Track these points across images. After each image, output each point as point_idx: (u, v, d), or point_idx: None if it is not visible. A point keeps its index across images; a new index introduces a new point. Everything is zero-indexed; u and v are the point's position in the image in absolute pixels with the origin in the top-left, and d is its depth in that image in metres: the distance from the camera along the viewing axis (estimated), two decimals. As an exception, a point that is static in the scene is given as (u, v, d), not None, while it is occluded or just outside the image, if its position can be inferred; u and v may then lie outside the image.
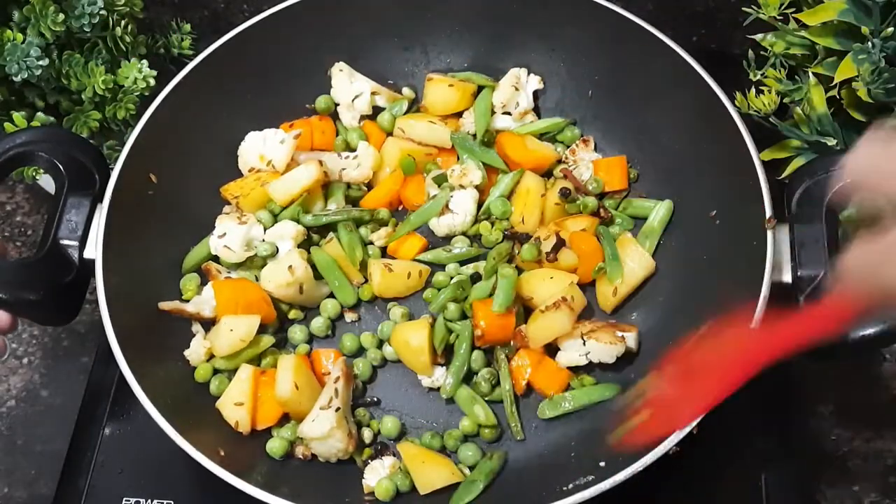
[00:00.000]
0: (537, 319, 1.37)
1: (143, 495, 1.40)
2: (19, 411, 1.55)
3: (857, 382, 1.54)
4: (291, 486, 1.24)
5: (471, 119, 1.60)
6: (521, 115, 1.60)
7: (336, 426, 1.29)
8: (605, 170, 1.56)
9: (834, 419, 1.50)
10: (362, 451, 1.36)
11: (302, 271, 1.41)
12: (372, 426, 1.38)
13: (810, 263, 1.26)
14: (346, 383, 1.35)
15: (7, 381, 1.57)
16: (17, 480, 1.49)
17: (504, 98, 1.59)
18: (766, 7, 1.42)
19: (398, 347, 1.40)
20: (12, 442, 1.52)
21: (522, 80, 1.61)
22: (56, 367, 1.58)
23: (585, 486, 1.18)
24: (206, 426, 1.29)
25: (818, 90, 1.41)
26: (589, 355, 1.37)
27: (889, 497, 1.44)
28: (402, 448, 1.35)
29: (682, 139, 1.49)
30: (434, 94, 1.60)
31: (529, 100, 1.61)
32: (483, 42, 1.63)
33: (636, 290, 1.46)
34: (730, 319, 1.22)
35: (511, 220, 1.52)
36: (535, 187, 1.51)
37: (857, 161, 0.99)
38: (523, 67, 1.62)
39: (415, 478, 1.31)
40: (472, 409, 1.37)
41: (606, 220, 1.52)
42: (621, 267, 1.43)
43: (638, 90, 1.53)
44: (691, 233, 1.47)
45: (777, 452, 1.42)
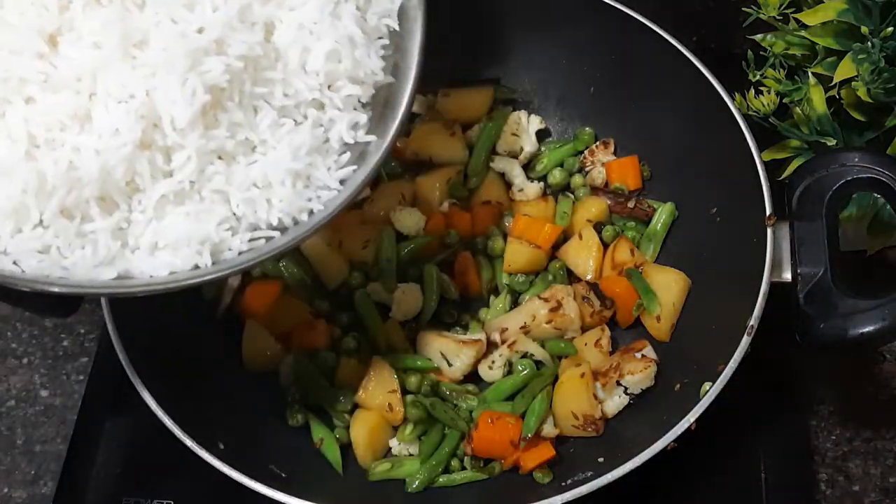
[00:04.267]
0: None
1: (143, 495, 1.40)
2: (19, 411, 1.55)
3: (857, 382, 1.54)
4: (293, 481, 1.24)
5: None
6: (527, 157, 1.61)
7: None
8: (619, 171, 1.56)
9: (834, 419, 1.50)
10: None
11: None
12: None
13: (810, 261, 1.26)
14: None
15: (7, 381, 1.57)
16: (17, 480, 1.49)
17: (506, 147, 1.60)
18: (766, 7, 1.43)
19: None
20: (12, 442, 1.52)
21: (523, 124, 1.61)
22: (56, 367, 1.58)
23: (583, 481, 1.19)
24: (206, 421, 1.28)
25: (818, 90, 1.41)
26: (629, 391, 1.37)
27: (889, 497, 1.44)
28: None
29: (683, 137, 1.49)
30: (450, 103, 1.60)
31: (533, 141, 1.61)
32: (483, 40, 1.63)
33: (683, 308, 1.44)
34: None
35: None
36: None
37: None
38: (522, 111, 1.63)
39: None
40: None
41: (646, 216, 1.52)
42: (656, 296, 1.42)
43: (639, 88, 1.54)
44: (692, 230, 1.48)
45: (777, 452, 1.42)
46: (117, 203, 1.02)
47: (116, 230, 1.02)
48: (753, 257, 1.29)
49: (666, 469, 1.23)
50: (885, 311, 1.18)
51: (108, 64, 0.99)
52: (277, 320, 1.45)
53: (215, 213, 1.05)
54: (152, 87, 1.00)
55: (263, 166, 1.08)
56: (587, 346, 1.41)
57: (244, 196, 1.07)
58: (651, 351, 1.39)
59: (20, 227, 0.99)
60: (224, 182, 1.06)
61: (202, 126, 1.03)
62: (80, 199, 0.99)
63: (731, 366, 1.22)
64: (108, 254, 1.01)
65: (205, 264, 1.04)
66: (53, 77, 0.99)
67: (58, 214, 0.98)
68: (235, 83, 1.05)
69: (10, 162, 0.97)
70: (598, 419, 1.34)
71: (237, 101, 1.06)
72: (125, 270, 1.03)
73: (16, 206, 0.97)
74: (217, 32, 1.03)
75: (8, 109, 0.99)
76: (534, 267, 1.48)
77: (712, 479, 1.41)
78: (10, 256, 0.99)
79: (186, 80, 1.00)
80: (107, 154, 0.98)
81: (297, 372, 1.41)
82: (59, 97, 0.99)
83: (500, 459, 1.34)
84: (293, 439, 1.38)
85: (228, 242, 1.07)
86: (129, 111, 0.99)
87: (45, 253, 0.99)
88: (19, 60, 0.99)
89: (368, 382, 1.37)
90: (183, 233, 1.03)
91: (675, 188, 1.52)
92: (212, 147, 1.04)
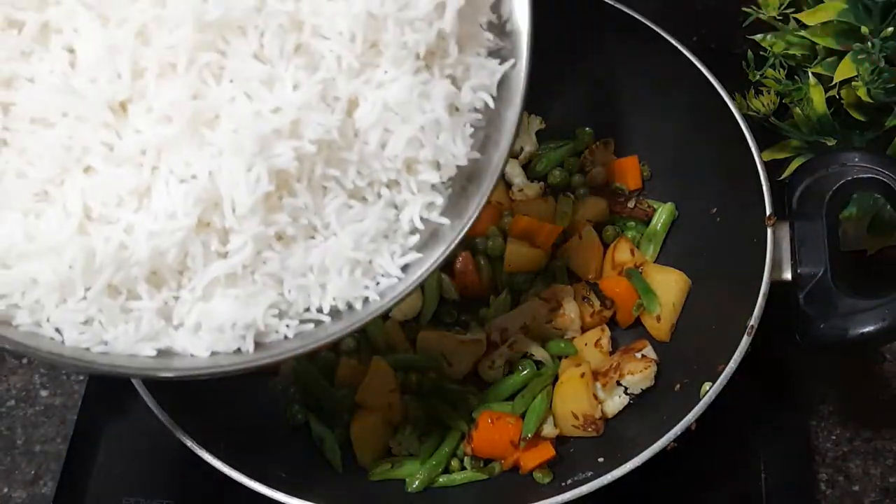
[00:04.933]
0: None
1: (143, 495, 1.40)
2: (19, 411, 1.54)
3: (857, 382, 1.54)
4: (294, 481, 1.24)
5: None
6: (527, 157, 1.61)
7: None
8: (619, 171, 1.57)
9: (834, 419, 1.50)
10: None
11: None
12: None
13: (810, 261, 1.26)
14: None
15: (7, 381, 1.57)
16: (17, 480, 1.48)
17: None
18: (766, 7, 1.43)
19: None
20: (12, 442, 1.52)
21: (523, 124, 1.61)
22: (56, 367, 1.58)
23: (583, 481, 1.19)
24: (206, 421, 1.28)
25: (818, 90, 1.41)
26: (629, 391, 1.37)
27: (889, 497, 1.44)
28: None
29: (683, 137, 1.50)
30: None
31: (533, 141, 1.61)
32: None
33: (683, 308, 1.44)
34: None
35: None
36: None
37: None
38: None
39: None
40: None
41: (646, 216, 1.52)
42: (656, 296, 1.42)
43: (639, 88, 1.54)
44: (692, 230, 1.48)
45: (777, 452, 1.42)
46: (166, 281, 0.98)
47: (162, 307, 0.99)
48: (753, 257, 1.29)
49: (666, 469, 1.23)
50: (885, 311, 1.19)
51: (176, 141, 0.94)
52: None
53: (266, 296, 1.00)
54: (216, 167, 0.94)
55: (323, 252, 1.03)
56: (587, 346, 1.41)
57: (298, 282, 1.02)
58: (651, 351, 1.39)
59: (65, 298, 0.95)
60: (279, 267, 1.01)
61: (263, 210, 0.98)
62: (128, 278, 0.95)
63: (731, 366, 1.23)
64: (151, 330, 0.97)
65: (247, 350, 1.00)
66: (118, 148, 0.95)
67: (104, 291, 0.95)
68: (306, 166, 1.00)
69: (61, 237, 0.93)
70: (598, 419, 1.34)
71: (305, 184, 1.00)
72: (167, 347, 0.99)
73: (62, 282, 0.93)
74: (293, 115, 0.97)
75: (67, 179, 0.95)
76: (534, 267, 1.48)
77: (712, 479, 1.41)
78: (52, 325, 0.95)
79: (253, 165, 0.95)
80: (161, 237, 0.94)
81: (297, 372, 1.41)
82: (120, 170, 0.94)
83: (500, 459, 1.34)
84: (293, 439, 1.38)
85: (275, 327, 1.02)
86: (188, 193, 0.94)
87: (87, 324, 0.96)
88: (84, 128, 0.94)
89: (368, 382, 1.37)
90: (229, 315, 0.99)
91: (675, 188, 1.52)
92: (271, 233, 0.99)
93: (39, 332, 0.95)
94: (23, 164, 0.94)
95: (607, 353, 1.41)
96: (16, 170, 0.94)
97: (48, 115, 0.95)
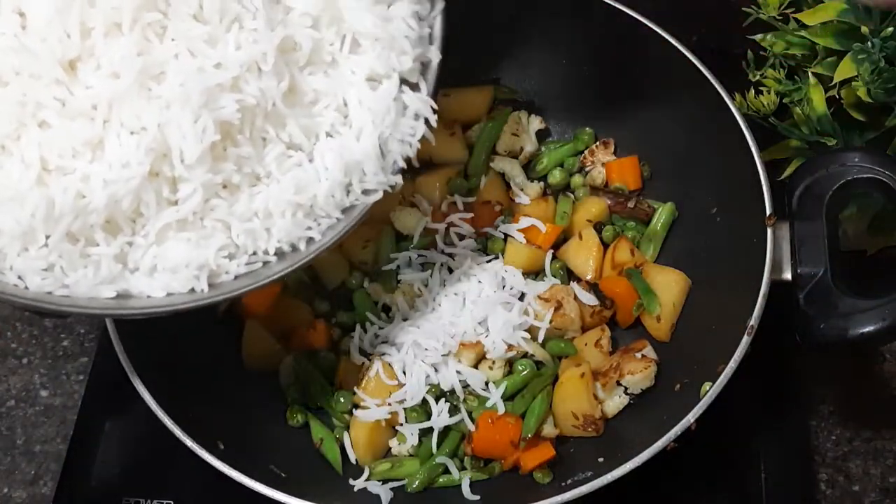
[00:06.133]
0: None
1: (143, 495, 1.40)
2: (19, 411, 1.54)
3: (857, 382, 1.54)
4: (294, 481, 1.24)
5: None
6: (527, 157, 1.60)
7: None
8: (619, 171, 1.56)
9: (834, 419, 1.50)
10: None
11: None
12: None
13: (810, 261, 1.26)
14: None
15: (7, 381, 1.57)
16: (17, 480, 1.49)
17: (506, 147, 1.59)
18: (766, 7, 1.43)
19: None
20: (12, 442, 1.52)
21: (523, 124, 1.61)
22: (56, 367, 1.58)
23: (583, 481, 1.19)
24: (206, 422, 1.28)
25: (818, 90, 1.41)
26: (629, 391, 1.37)
27: (889, 497, 1.44)
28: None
29: (683, 137, 1.50)
30: (450, 103, 1.58)
31: (533, 141, 1.60)
32: (483, 40, 1.63)
33: (683, 308, 1.44)
34: None
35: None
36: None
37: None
38: (522, 111, 1.62)
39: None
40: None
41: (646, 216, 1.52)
42: (656, 296, 1.42)
43: (639, 88, 1.54)
44: (692, 230, 1.48)
45: (777, 452, 1.42)
46: (121, 227, 1.04)
47: (118, 253, 1.04)
48: (753, 257, 1.29)
49: (666, 469, 1.23)
50: (885, 311, 1.19)
51: (125, 95, 1.00)
52: (277, 320, 1.45)
53: (215, 239, 1.07)
54: (165, 120, 1.01)
55: (266, 198, 1.09)
56: (587, 346, 1.41)
57: (245, 227, 1.08)
58: (651, 351, 1.39)
59: (27, 247, 1.00)
60: (226, 212, 1.07)
61: (210, 160, 1.04)
62: (86, 225, 1.01)
63: (731, 366, 1.22)
64: (109, 274, 1.03)
65: (201, 289, 1.07)
66: (70, 104, 1.00)
67: (63, 238, 1.00)
68: (247, 118, 1.06)
69: (22, 188, 0.98)
70: (598, 419, 1.34)
71: (247, 135, 1.07)
72: (124, 290, 1.05)
73: (24, 230, 0.98)
74: (235, 71, 1.04)
75: (23, 133, 1.00)
76: (534, 267, 1.48)
77: (712, 479, 1.41)
78: (15, 272, 1.01)
79: (199, 116, 1.01)
80: (116, 186, 1.00)
81: (297, 372, 1.41)
82: (74, 124, 1.00)
83: (500, 459, 1.34)
84: (293, 439, 1.38)
85: (226, 267, 1.09)
86: (140, 144, 1.01)
87: (48, 271, 1.01)
88: (37, 85, 1.00)
89: (368, 383, 1.37)
90: (182, 258, 1.05)
91: (675, 188, 1.52)
92: (218, 181, 1.06)
93: (2, 279, 1.02)
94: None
95: (607, 353, 1.41)
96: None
97: (2, 74, 1.00)
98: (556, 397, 1.36)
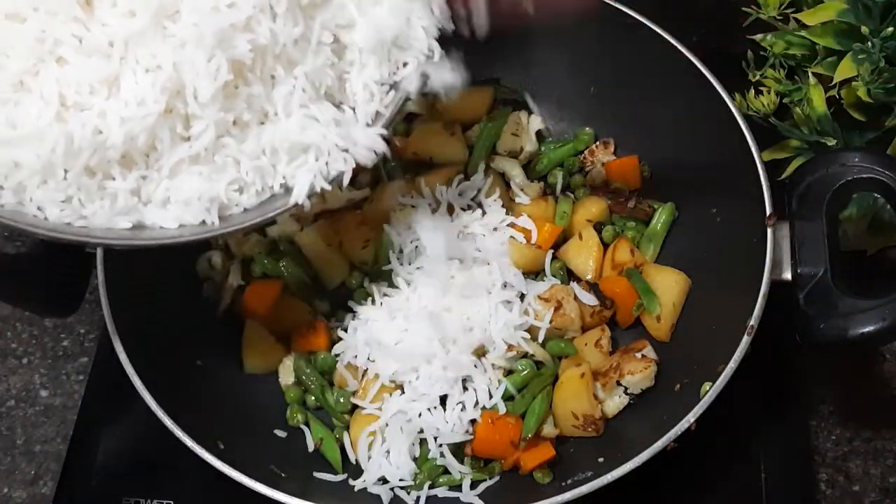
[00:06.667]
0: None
1: (143, 495, 1.40)
2: (19, 411, 1.55)
3: (857, 382, 1.54)
4: (293, 481, 1.24)
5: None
6: (527, 157, 1.60)
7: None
8: (619, 171, 1.57)
9: (834, 419, 1.50)
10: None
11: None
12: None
13: (810, 261, 1.26)
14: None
15: (7, 381, 1.57)
16: (17, 480, 1.49)
17: (506, 147, 1.59)
18: (766, 7, 1.43)
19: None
20: (12, 442, 1.52)
21: (523, 124, 1.61)
22: (56, 367, 1.58)
23: (583, 481, 1.19)
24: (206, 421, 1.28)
25: (818, 90, 1.41)
26: (629, 391, 1.37)
27: (889, 497, 1.44)
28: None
29: (683, 137, 1.49)
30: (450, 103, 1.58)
31: (533, 141, 1.60)
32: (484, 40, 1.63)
33: (683, 308, 1.44)
34: None
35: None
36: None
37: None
38: (522, 111, 1.62)
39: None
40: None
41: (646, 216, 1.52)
42: (656, 296, 1.42)
43: (639, 88, 1.53)
44: (692, 230, 1.48)
45: (777, 452, 1.42)
46: (136, 162, 1.06)
47: (134, 187, 1.07)
48: (753, 257, 1.29)
49: (666, 469, 1.23)
50: (885, 311, 1.18)
51: (141, 34, 1.01)
52: (277, 320, 1.45)
53: (226, 173, 1.09)
54: (180, 59, 1.02)
55: (272, 135, 1.11)
56: (587, 346, 1.41)
57: (253, 164, 1.10)
58: (651, 351, 1.39)
59: (46, 180, 1.02)
60: (236, 150, 1.09)
61: (222, 98, 1.06)
62: (103, 160, 1.03)
63: (731, 366, 1.22)
64: (125, 206, 1.05)
65: (212, 221, 1.09)
66: (87, 40, 1.01)
67: (82, 172, 1.02)
68: (258, 58, 1.07)
69: (41, 124, 1.00)
70: (598, 419, 1.34)
71: (258, 74, 1.08)
72: (138, 221, 1.07)
73: (44, 165, 1.00)
74: (248, 12, 1.04)
75: (42, 69, 1.01)
76: (534, 267, 1.48)
77: (712, 479, 1.41)
78: (34, 203, 1.03)
79: (213, 56, 1.03)
80: (132, 123, 1.01)
81: (297, 372, 1.41)
82: (90, 61, 1.01)
83: (500, 459, 1.34)
84: (293, 439, 1.38)
85: (235, 200, 1.11)
86: (155, 82, 1.02)
87: (67, 203, 1.04)
88: (54, 21, 1.00)
89: (368, 383, 1.37)
90: (194, 190, 1.07)
91: (675, 188, 1.52)
92: (229, 119, 1.08)
93: (23, 210, 1.03)
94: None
95: (607, 353, 1.41)
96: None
97: (20, 10, 1.01)
98: (556, 397, 1.36)
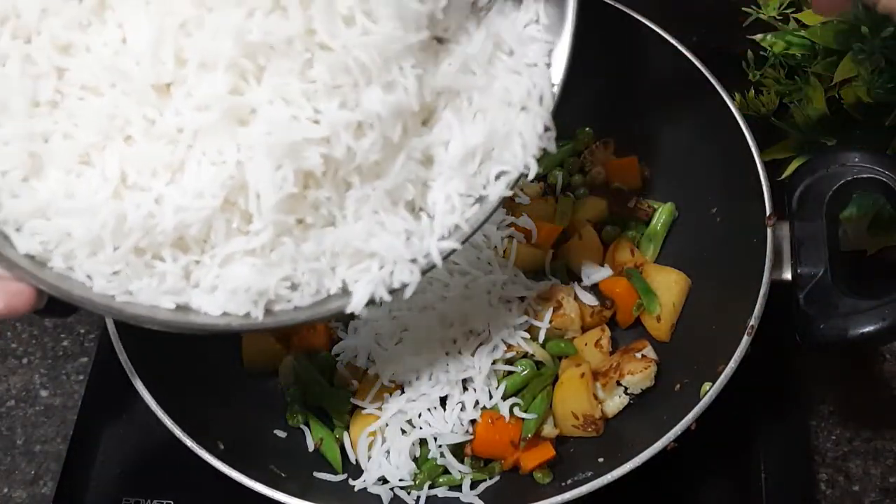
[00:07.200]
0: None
1: (143, 495, 1.40)
2: (19, 411, 1.55)
3: (857, 382, 1.54)
4: (293, 481, 1.24)
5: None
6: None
7: None
8: (619, 171, 1.57)
9: (834, 419, 1.50)
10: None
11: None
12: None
13: (810, 261, 1.26)
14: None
15: (7, 381, 1.57)
16: (17, 480, 1.49)
17: None
18: (766, 7, 1.43)
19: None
20: (12, 442, 1.52)
21: None
22: (56, 367, 1.58)
23: (583, 481, 1.19)
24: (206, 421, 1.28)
25: (818, 90, 1.41)
26: (629, 391, 1.37)
27: (889, 497, 1.44)
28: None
29: (683, 137, 1.49)
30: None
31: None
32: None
33: (683, 308, 1.44)
34: None
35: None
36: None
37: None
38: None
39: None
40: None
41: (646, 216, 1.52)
42: (656, 296, 1.42)
43: (639, 88, 1.54)
44: (692, 230, 1.48)
45: (777, 452, 1.42)
46: (190, 247, 1.03)
47: (184, 269, 1.04)
48: (753, 257, 1.29)
49: (666, 469, 1.23)
50: (885, 311, 1.18)
51: (210, 129, 0.98)
52: (278, 320, 1.45)
53: (280, 269, 1.05)
54: (247, 158, 0.98)
55: (335, 239, 1.06)
56: (587, 346, 1.41)
57: (311, 266, 1.06)
58: (651, 351, 1.39)
59: (95, 252, 1.01)
60: (294, 250, 1.04)
61: (287, 206, 1.02)
62: (154, 243, 1.01)
63: (731, 366, 1.22)
64: (173, 286, 1.03)
65: (256, 316, 1.05)
66: (157, 124, 0.99)
67: (131, 250, 1.00)
68: (331, 167, 1.02)
69: (97, 199, 0.98)
70: (598, 419, 1.34)
71: (331, 180, 1.04)
72: (184, 302, 1.04)
73: (93, 239, 0.99)
74: (328, 131, 0.99)
75: (109, 146, 1.00)
76: (534, 267, 1.48)
77: (712, 479, 1.41)
78: (83, 271, 1.01)
79: (282, 165, 0.99)
80: (186, 213, 0.99)
81: (297, 372, 1.41)
82: (158, 144, 0.99)
83: (500, 459, 1.34)
84: (293, 439, 1.38)
85: (287, 297, 1.06)
86: (217, 176, 0.99)
87: (115, 275, 1.02)
88: (129, 101, 0.99)
89: (368, 383, 1.37)
90: (243, 280, 1.03)
91: (675, 188, 1.52)
92: (291, 221, 1.03)
93: (72, 275, 1.02)
94: (70, 127, 0.99)
95: (607, 353, 1.41)
96: (64, 131, 0.99)
97: (98, 85, 0.99)
98: (556, 397, 1.36)
